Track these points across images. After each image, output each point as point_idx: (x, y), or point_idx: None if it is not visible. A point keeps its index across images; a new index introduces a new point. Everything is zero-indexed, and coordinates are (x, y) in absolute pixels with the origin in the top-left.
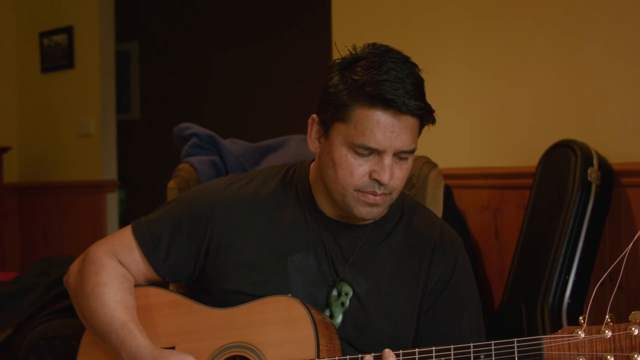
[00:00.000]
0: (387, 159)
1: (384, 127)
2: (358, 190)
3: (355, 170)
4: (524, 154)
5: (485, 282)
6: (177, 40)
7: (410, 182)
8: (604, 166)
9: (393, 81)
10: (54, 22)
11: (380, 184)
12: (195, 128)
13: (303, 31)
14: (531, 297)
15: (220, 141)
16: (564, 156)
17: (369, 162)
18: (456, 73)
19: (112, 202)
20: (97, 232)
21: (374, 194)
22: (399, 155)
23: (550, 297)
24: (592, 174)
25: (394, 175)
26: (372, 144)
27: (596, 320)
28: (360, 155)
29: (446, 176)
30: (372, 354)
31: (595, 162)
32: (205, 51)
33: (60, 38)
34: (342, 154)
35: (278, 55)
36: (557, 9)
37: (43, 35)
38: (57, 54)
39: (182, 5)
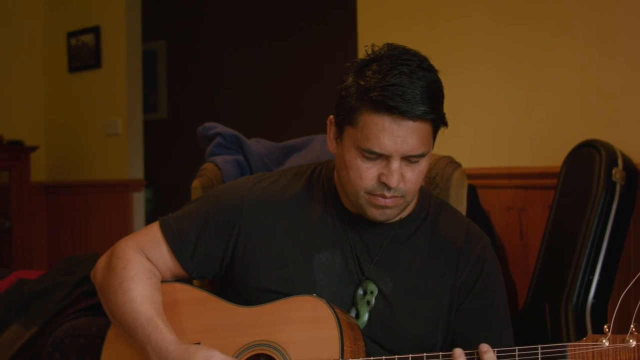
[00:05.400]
0: (395, 163)
1: (389, 132)
2: (368, 192)
3: (365, 173)
4: (549, 154)
5: (510, 282)
6: (204, 40)
7: (433, 182)
8: (629, 166)
9: (400, 86)
10: (81, 22)
11: (389, 187)
12: (219, 127)
13: (329, 30)
14: (555, 297)
15: (244, 141)
16: (589, 156)
17: (377, 165)
18: (481, 74)
19: (139, 201)
20: (124, 231)
21: (384, 196)
22: (409, 159)
23: (574, 297)
24: (617, 174)
25: (405, 178)
26: (378, 149)
27: (621, 324)
28: (368, 159)
29: (471, 176)
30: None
31: (619, 162)
32: (232, 50)
33: (88, 38)
34: (352, 157)
35: (304, 55)
36: (582, 11)
37: (70, 35)
38: (84, 54)
39: (209, 4)
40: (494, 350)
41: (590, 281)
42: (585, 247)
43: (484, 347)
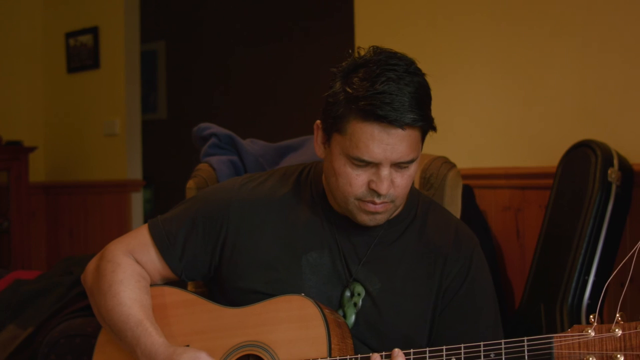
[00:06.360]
0: (384, 171)
1: (378, 140)
2: (358, 199)
3: (354, 180)
4: (546, 154)
5: (506, 282)
6: (203, 40)
7: (428, 182)
8: (625, 166)
9: (388, 93)
10: (80, 23)
11: (379, 194)
12: (214, 128)
13: (329, 31)
14: (551, 298)
15: (239, 141)
16: (584, 156)
17: (367, 172)
18: (479, 74)
19: (137, 201)
20: (122, 232)
21: (374, 203)
22: (398, 165)
23: (569, 298)
24: (613, 174)
25: (395, 183)
26: (367, 157)
27: (613, 320)
28: (358, 166)
29: (468, 176)
30: (382, 353)
31: (615, 162)
32: (231, 51)
33: (86, 38)
34: (341, 164)
35: (304, 55)
36: (579, 11)
37: (69, 35)
38: (82, 54)
39: (208, 5)
40: (406, 353)
41: (586, 282)
42: (581, 247)
43: (395, 352)
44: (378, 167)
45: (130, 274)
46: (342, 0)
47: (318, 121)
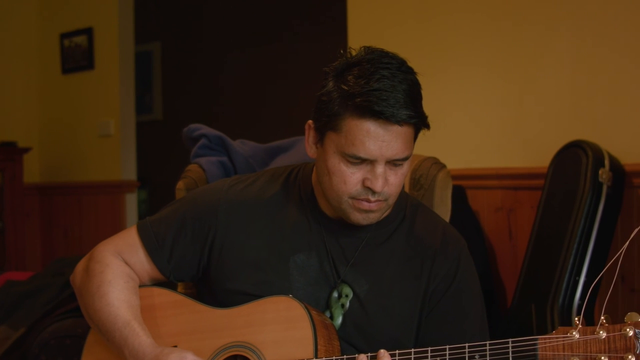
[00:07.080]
0: (379, 168)
1: (374, 137)
2: (352, 197)
3: (349, 178)
4: (539, 154)
5: (499, 282)
6: (199, 41)
7: (418, 183)
8: (616, 167)
9: (383, 90)
10: (74, 24)
11: (373, 191)
12: (204, 129)
13: (325, 31)
14: (541, 298)
15: (229, 142)
16: (575, 157)
17: (362, 170)
18: (471, 75)
19: (132, 202)
20: (117, 232)
21: (368, 201)
22: (393, 162)
23: (560, 298)
24: (604, 174)
25: (389, 181)
26: (363, 154)
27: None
28: (353, 164)
29: (460, 177)
30: (367, 354)
31: (606, 162)
32: (226, 52)
33: (81, 39)
34: (335, 162)
35: (300, 56)
36: (571, 12)
37: (63, 36)
38: (77, 55)
39: (204, 5)
40: (391, 354)
41: (577, 282)
42: (572, 248)
43: (381, 353)
44: (373, 164)
45: (118, 275)
46: (335, 2)
47: (310, 121)
